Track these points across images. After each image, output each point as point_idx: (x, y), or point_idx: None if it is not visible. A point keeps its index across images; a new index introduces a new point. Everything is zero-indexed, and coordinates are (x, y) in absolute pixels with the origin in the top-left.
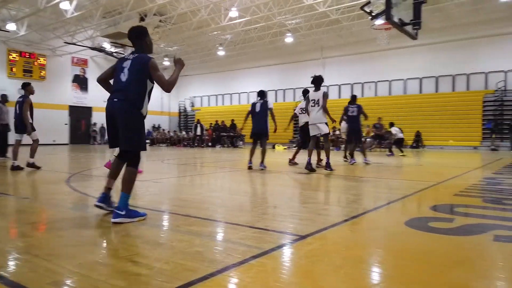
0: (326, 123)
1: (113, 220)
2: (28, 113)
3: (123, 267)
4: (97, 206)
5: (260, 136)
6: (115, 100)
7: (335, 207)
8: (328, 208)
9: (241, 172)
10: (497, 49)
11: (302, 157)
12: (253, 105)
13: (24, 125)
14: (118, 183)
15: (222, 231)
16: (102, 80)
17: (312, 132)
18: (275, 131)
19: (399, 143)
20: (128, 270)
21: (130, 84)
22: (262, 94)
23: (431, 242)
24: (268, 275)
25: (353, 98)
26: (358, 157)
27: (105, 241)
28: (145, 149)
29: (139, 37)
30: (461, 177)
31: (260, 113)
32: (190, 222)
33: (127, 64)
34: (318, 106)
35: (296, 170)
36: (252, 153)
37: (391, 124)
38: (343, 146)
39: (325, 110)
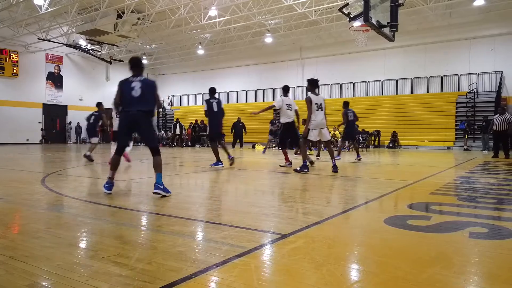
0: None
1: (154, 191)
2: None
3: (104, 268)
4: (107, 193)
5: (221, 135)
6: (137, 110)
7: (316, 206)
8: (308, 207)
9: (220, 171)
10: (469, 52)
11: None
12: (210, 103)
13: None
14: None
15: (204, 230)
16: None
17: (313, 136)
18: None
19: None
20: (109, 271)
21: (146, 99)
22: (214, 92)
23: (410, 239)
24: (251, 274)
25: (347, 104)
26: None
27: (84, 242)
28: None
29: (140, 65)
30: (436, 176)
31: (218, 113)
32: (171, 222)
33: (136, 84)
34: (322, 110)
35: (277, 169)
36: (217, 151)
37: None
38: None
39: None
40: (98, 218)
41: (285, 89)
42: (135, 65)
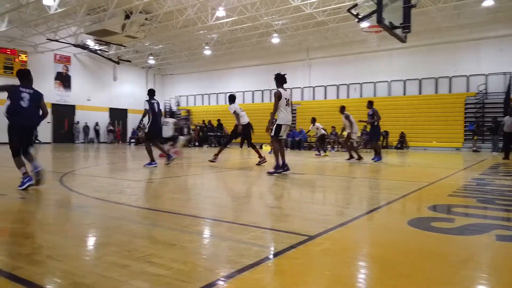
0: None
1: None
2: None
3: (141, 267)
4: (22, 188)
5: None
6: (27, 122)
7: (336, 207)
8: (329, 208)
9: (231, 172)
10: (478, 52)
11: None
12: (152, 104)
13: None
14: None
15: (230, 231)
16: None
17: (284, 133)
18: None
19: (322, 139)
20: (146, 271)
21: (34, 111)
22: (154, 93)
23: (437, 241)
24: (287, 275)
25: (372, 103)
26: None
27: (115, 241)
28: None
29: (28, 77)
30: (450, 178)
31: (158, 114)
32: (196, 223)
33: (25, 95)
34: (289, 106)
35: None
36: (151, 151)
37: (313, 120)
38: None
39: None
40: (123, 218)
41: (231, 98)
42: (23, 77)
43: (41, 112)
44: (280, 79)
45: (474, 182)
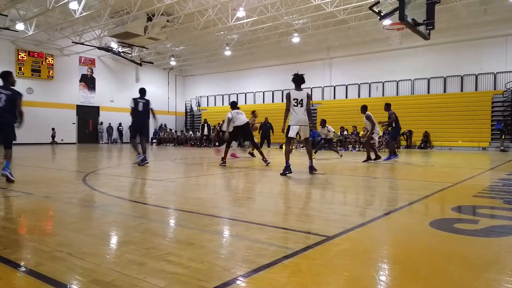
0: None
1: (2, 172)
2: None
3: (159, 266)
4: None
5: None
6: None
7: (356, 208)
8: (349, 209)
9: (249, 172)
10: (505, 49)
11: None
12: (137, 103)
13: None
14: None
15: (248, 231)
16: None
17: (302, 133)
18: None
19: (329, 142)
20: (164, 269)
21: (9, 109)
22: (144, 92)
23: (459, 243)
24: (304, 276)
25: (389, 105)
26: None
27: (134, 240)
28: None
29: (7, 78)
30: (476, 178)
31: (143, 112)
32: (215, 222)
33: (2, 96)
34: (302, 106)
35: (296, 169)
36: (136, 147)
37: (323, 122)
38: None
39: (309, 112)
40: (143, 217)
41: (233, 104)
42: (4, 78)
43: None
44: (296, 80)
45: (501, 183)
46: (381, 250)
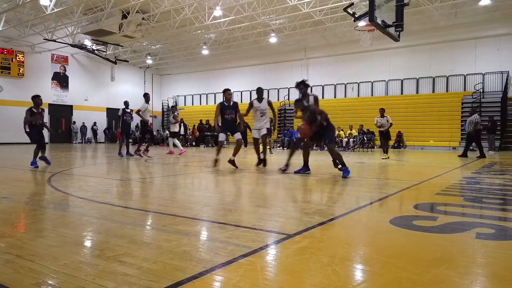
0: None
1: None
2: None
3: (110, 267)
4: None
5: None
6: None
7: (320, 206)
8: (313, 207)
9: (223, 171)
10: (475, 52)
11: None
12: (125, 113)
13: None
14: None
15: (209, 230)
16: None
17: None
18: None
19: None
20: (115, 270)
21: None
22: (127, 104)
23: (415, 239)
24: (257, 274)
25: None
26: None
27: (89, 241)
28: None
29: None
30: (442, 176)
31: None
32: (176, 222)
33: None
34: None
35: (274, 170)
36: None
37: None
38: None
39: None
40: (103, 218)
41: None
42: None
43: None
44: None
45: (465, 181)
46: (338, 248)
